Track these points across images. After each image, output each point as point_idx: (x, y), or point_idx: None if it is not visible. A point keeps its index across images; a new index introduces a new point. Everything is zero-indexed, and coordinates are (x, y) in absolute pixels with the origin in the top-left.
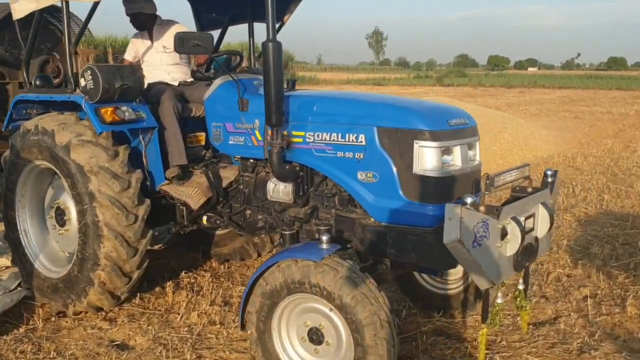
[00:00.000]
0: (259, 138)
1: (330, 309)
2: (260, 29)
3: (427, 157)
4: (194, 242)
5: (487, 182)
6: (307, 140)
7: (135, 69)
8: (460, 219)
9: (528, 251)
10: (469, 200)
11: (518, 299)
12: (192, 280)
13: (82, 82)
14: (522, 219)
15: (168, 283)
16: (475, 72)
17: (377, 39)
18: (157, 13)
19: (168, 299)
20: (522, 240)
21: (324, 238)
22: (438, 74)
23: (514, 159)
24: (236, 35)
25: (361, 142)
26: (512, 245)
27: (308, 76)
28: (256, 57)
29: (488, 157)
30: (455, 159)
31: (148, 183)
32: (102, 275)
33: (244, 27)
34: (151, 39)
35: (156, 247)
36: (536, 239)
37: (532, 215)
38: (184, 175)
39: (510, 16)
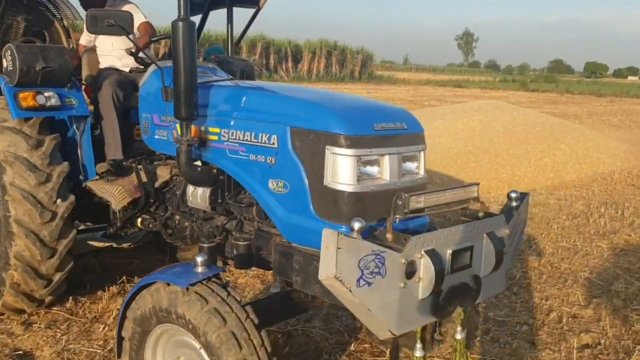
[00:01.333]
0: (180, 133)
1: (200, 347)
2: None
3: (340, 167)
4: (163, 244)
5: (399, 203)
6: (222, 138)
7: (63, 51)
8: (337, 250)
9: (459, 293)
10: (356, 225)
11: (456, 353)
12: None
13: (4, 62)
14: (447, 252)
15: (111, 287)
16: (568, 79)
17: (467, 40)
18: None
19: (101, 306)
20: (437, 280)
21: (199, 259)
22: (528, 78)
23: (567, 173)
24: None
25: (273, 144)
26: (425, 286)
27: (386, 75)
28: (234, 45)
29: (536, 171)
30: (383, 172)
31: (81, 177)
32: (15, 276)
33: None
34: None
35: (125, 244)
36: (475, 278)
37: (470, 249)
38: (118, 171)
39: (611, 21)
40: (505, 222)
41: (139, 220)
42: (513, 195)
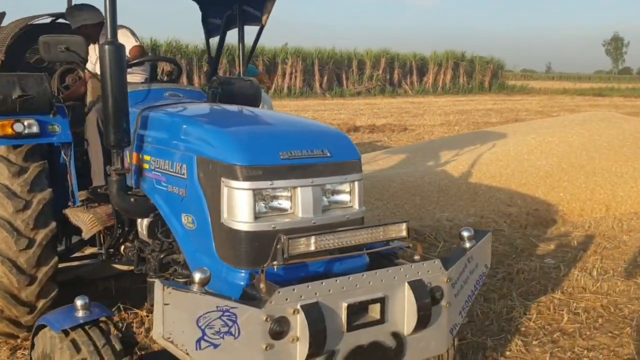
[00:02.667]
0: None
1: None
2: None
3: (236, 203)
4: None
5: (278, 247)
6: (151, 167)
7: (43, 79)
8: (164, 307)
9: (367, 355)
10: (197, 275)
11: None
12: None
13: None
14: (342, 305)
15: (123, 313)
16: None
17: (616, 46)
18: None
19: None
20: (315, 340)
21: (78, 302)
22: None
23: None
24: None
25: (183, 174)
26: (302, 348)
27: (520, 85)
28: (245, 63)
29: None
30: (296, 207)
31: (70, 204)
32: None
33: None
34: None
35: None
36: (395, 336)
37: (381, 300)
38: (99, 198)
39: None
40: (440, 268)
41: (122, 247)
42: (465, 234)
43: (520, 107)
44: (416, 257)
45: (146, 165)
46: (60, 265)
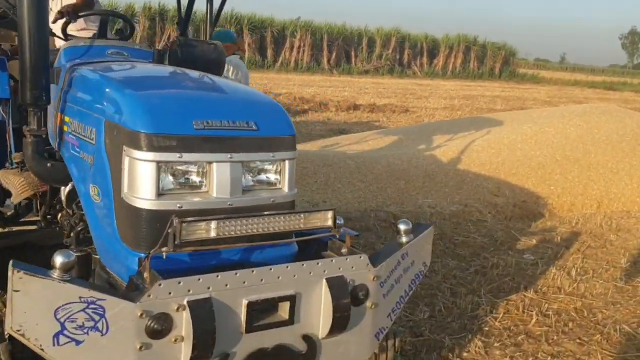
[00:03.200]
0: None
1: None
2: None
3: (137, 176)
4: None
5: (170, 230)
6: (69, 129)
7: None
8: (13, 294)
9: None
10: (57, 260)
11: None
12: None
13: None
14: (242, 302)
15: None
16: None
17: (632, 40)
18: None
19: None
20: (200, 341)
21: None
22: None
23: None
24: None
25: (92, 139)
26: (187, 350)
27: (531, 73)
28: (212, 24)
29: (639, 190)
30: (210, 185)
31: (7, 165)
32: None
33: None
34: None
35: None
36: (307, 339)
37: (291, 299)
38: None
39: None
40: (367, 264)
41: (59, 215)
42: (402, 227)
43: (528, 96)
44: (343, 251)
45: (65, 128)
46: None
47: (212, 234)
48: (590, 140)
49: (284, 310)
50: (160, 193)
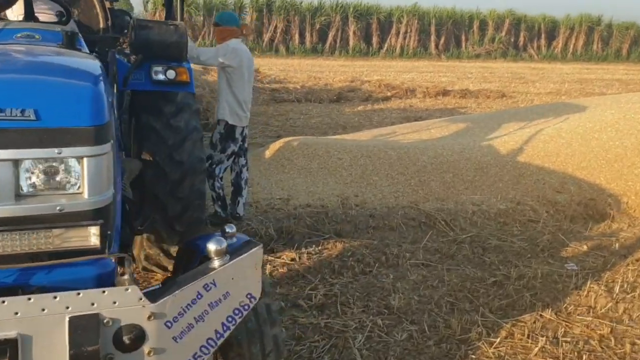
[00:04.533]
0: None
1: None
2: None
3: None
4: None
5: None
6: None
7: None
8: None
9: None
10: None
11: None
12: None
13: None
14: None
15: None
16: None
17: None
18: None
19: None
20: None
21: None
22: None
23: None
24: None
25: None
26: None
27: None
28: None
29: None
30: None
31: None
32: None
33: None
34: None
35: None
36: None
37: (11, 344)
38: None
39: None
40: (141, 299)
41: None
42: (212, 246)
43: None
44: (125, 278)
45: None
46: None
47: None
48: None
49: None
50: None
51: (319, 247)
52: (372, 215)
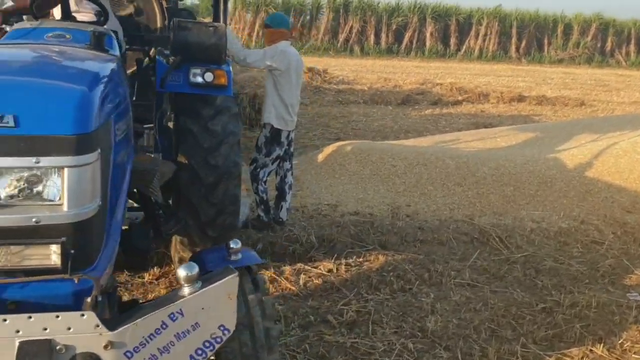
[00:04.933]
0: None
1: None
2: None
3: None
4: None
5: None
6: None
7: None
8: None
9: None
10: None
11: None
12: None
13: None
14: None
15: None
16: None
17: None
18: None
19: None
20: None
21: None
22: None
23: None
24: None
25: None
26: None
27: None
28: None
29: None
30: None
31: None
32: None
33: None
34: None
35: None
36: None
37: None
38: None
39: None
40: (97, 325)
41: None
42: (182, 272)
43: None
44: (87, 301)
45: None
46: None
47: None
48: None
49: None
50: None
51: (360, 259)
52: (421, 228)
